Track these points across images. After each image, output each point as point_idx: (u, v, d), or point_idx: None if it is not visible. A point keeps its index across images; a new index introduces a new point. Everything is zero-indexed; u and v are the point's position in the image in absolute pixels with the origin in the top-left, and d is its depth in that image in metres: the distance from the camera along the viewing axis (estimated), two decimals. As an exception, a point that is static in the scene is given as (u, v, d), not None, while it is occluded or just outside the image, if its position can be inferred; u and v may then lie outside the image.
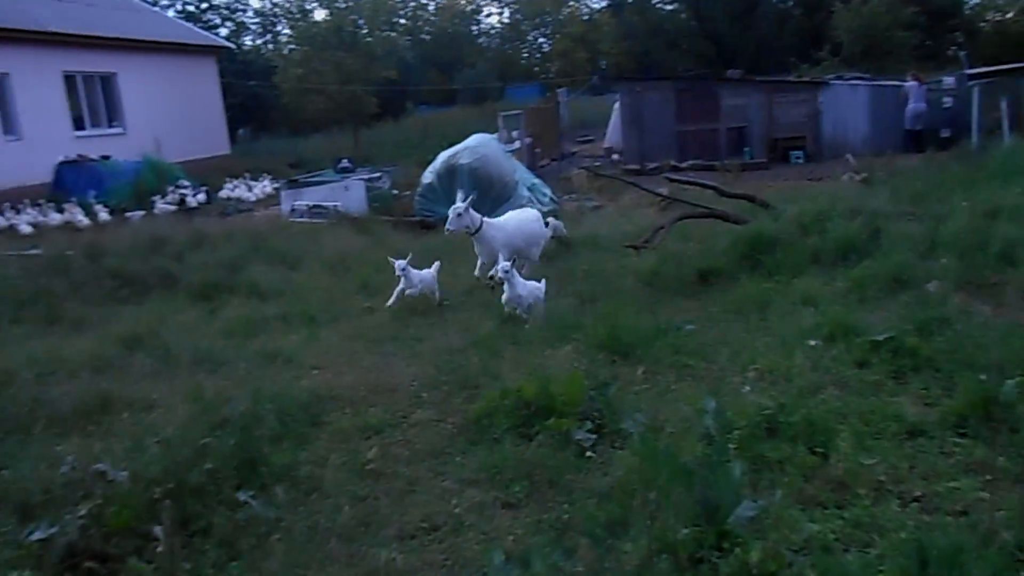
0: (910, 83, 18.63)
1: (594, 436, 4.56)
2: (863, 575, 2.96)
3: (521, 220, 8.53)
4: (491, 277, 7.43)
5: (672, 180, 11.31)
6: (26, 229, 15.03)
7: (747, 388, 5.01)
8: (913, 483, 3.95)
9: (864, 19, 30.14)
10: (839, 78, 21.18)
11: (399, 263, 7.75)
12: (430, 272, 8.03)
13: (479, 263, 7.92)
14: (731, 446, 4.11)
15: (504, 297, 6.99)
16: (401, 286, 7.85)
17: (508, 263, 6.91)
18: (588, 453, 4.39)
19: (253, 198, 19.22)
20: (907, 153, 17.03)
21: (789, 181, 15.45)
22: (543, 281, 7.28)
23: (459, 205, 7.68)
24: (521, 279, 7.04)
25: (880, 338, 5.64)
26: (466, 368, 5.86)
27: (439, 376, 5.88)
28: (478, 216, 7.86)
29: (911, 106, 18.29)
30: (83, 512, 3.75)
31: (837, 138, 18.99)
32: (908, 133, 18.29)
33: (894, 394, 4.99)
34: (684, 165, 18.34)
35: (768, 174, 16.89)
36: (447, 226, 7.72)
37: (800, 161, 18.75)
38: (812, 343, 5.67)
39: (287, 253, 10.96)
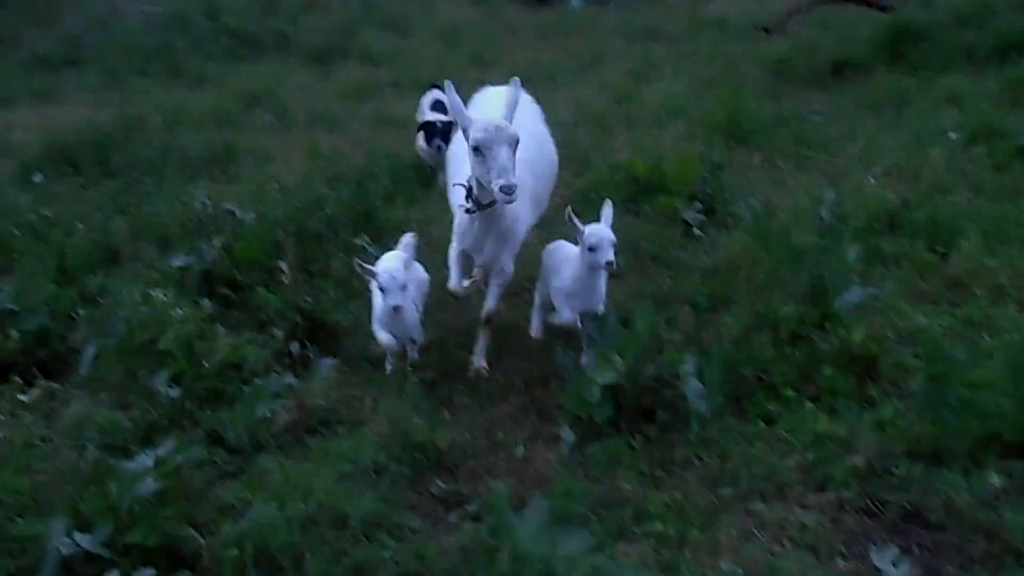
0: None
1: (703, 217, 4.51)
2: (969, 366, 2.92)
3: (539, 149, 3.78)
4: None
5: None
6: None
7: (872, 182, 4.77)
8: (1037, 290, 3.78)
9: None
10: None
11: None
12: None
13: (456, 253, 3.52)
14: (846, 236, 3.98)
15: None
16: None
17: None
18: (696, 232, 4.36)
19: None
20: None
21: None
22: None
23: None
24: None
25: (1028, 143, 5.20)
26: (577, 142, 5.77)
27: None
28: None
29: None
30: (216, 244, 4.04)
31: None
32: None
33: (1033, 202, 4.66)
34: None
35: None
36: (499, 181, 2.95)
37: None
38: (952, 136, 5.26)
39: (400, 20, 10.71)
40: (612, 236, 3.18)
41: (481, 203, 3.22)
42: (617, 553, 2.33)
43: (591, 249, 3.15)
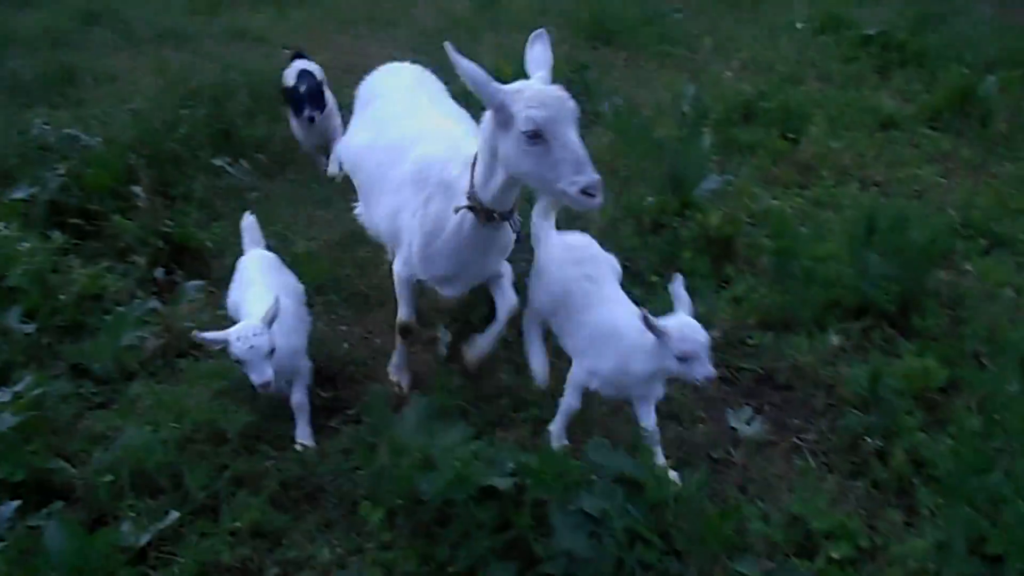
0: None
1: (571, 117, 4.54)
2: (813, 241, 3.14)
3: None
4: None
5: None
6: None
7: (729, 75, 4.93)
8: (877, 169, 4.08)
9: None
10: None
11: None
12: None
13: (405, 281, 2.71)
14: (705, 128, 4.14)
15: None
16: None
17: None
18: (563, 132, 4.40)
19: None
20: None
21: None
22: None
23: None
24: None
25: (871, 32, 5.49)
26: (443, 50, 5.64)
27: (415, 58, 5.68)
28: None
29: None
30: (61, 172, 3.78)
31: None
32: None
33: (876, 88, 4.96)
34: None
35: None
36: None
37: None
38: (799, 25, 5.49)
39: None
40: (707, 336, 2.21)
41: (502, 215, 2.23)
42: (496, 439, 2.43)
43: (681, 359, 2.18)
